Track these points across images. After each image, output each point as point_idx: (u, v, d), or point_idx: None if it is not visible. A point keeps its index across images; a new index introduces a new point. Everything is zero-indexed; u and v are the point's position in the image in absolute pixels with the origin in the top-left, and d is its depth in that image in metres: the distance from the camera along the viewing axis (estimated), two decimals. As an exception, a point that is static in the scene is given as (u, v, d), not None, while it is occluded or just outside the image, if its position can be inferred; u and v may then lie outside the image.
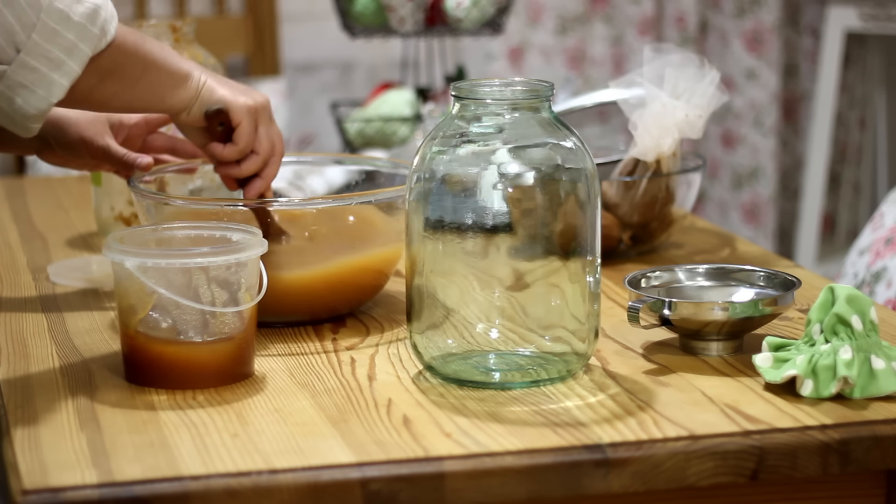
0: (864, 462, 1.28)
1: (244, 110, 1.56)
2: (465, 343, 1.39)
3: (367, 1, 2.88)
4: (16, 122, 1.43)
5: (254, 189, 1.59)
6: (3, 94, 1.41)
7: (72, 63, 1.41)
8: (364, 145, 2.91)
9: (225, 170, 1.59)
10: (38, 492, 1.17)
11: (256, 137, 1.57)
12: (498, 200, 1.36)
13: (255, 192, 1.59)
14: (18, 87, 1.40)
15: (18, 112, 1.42)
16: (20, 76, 1.40)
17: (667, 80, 1.76)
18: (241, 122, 1.56)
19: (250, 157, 1.58)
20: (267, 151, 1.58)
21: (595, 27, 3.91)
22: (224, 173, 1.60)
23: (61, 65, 1.40)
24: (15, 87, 1.40)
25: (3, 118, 1.43)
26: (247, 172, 1.59)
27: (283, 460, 1.22)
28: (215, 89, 1.55)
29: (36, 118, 1.42)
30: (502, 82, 1.40)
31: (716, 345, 1.47)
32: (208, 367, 1.39)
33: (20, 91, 1.40)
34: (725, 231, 2.02)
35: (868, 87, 4.01)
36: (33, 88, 1.40)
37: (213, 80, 1.55)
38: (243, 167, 1.58)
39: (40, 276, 1.79)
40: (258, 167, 1.59)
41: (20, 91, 1.40)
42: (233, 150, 1.57)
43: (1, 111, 1.42)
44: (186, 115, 1.55)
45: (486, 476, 1.22)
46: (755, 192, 3.99)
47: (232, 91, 1.56)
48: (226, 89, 1.56)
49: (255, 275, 1.41)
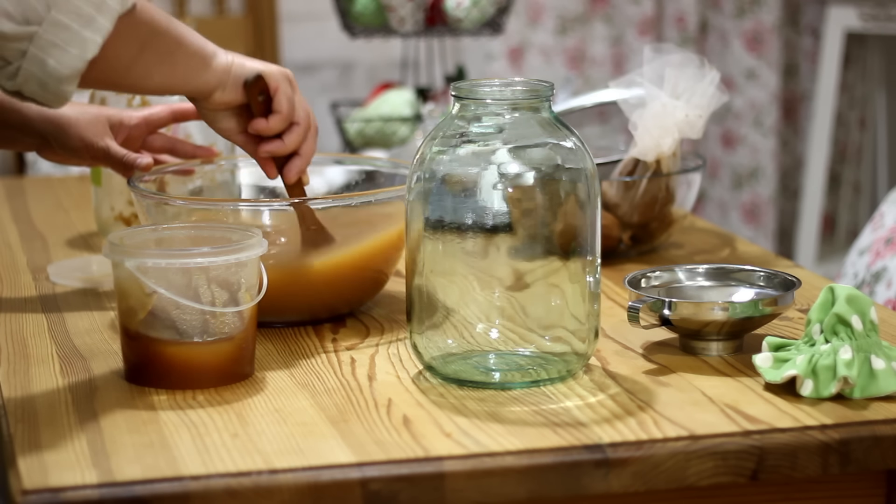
0: (864, 462, 1.28)
1: (280, 76, 1.54)
2: (465, 343, 1.39)
3: (367, 1, 2.88)
4: (49, 88, 1.38)
5: (294, 168, 1.57)
6: (35, 58, 1.36)
7: (102, 19, 1.37)
8: (364, 145, 2.91)
9: (268, 148, 1.56)
10: (38, 492, 1.17)
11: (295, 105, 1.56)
12: (498, 200, 1.36)
13: (297, 172, 1.58)
14: (50, 46, 1.35)
15: (52, 74, 1.36)
16: (52, 34, 1.35)
17: (667, 80, 1.76)
18: (279, 86, 1.54)
19: (292, 128, 1.56)
20: (306, 120, 1.56)
21: (595, 27, 3.91)
22: (267, 152, 1.56)
23: (92, 20, 1.36)
24: (47, 48, 1.35)
25: (35, 85, 1.38)
26: (292, 145, 1.56)
27: (283, 460, 1.22)
28: (245, 62, 1.53)
29: (70, 79, 1.37)
30: (502, 82, 1.40)
31: (716, 345, 1.47)
32: (208, 367, 1.39)
33: (52, 51, 1.35)
34: (725, 231, 2.02)
35: (868, 87, 4.02)
36: (66, 47, 1.36)
37: (238, 56, 1.54)
38: (287, 140, 1.56)
39: (40, 276, 1.79)
40: (301, 138, 1.56)
41: (52, 51, 1.35)
42: (277, 118, 1.54)
43: (32, 77, 1.37)
44: (222, 93, 1.52)
45: (486, 476, 1.22)
46: (755, 192, 3.99)
47: (260, 63, 1.54)
48: (254, 62, 1.54)
49: (255, 275, 1.41)
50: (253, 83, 1.52)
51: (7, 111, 1.66)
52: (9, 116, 1.67)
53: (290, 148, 1.57)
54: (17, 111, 1.67)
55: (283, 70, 1.56)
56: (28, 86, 1.37)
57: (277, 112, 1.55)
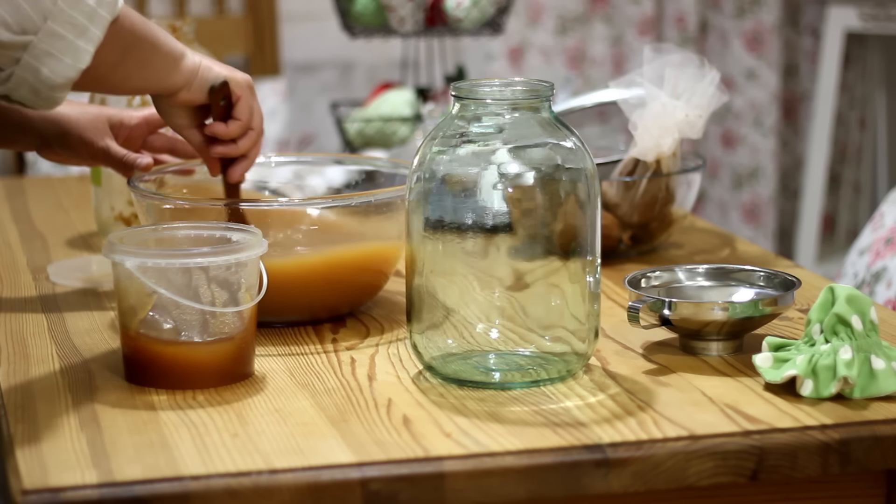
0: (864, 462, 1.28)
1: (244, 84, 1.58)
2: (465, 343, 1.39)
3: (367, 1, 2.88)
4: (40, 94, 1.40)
5: (240, 170, 1.60)
6: (28, 65, 1.37)
7: (94, 29, 1.39)
8: (364, 145, 2.91)
9: (221, 150, 1.59)
10: (38, 492, 1.17)
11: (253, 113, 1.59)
12: (498, 200, 1.36)
13: (241, 173, 1.60)
14: (45, 56, 1.37)
15: (45, 82, 1.38)
16: (47, 44, 1.37)
17: (667, 80, 1.76)
18: (242, 95, 1.57)
19: (247, 133, 1.59)
20: (259, 125, 1.60)
21: (595, 27, 3.91)
22: (219, 154, 1.59)
23: (85, 31, 1.38)
24: (41, 57, 1.37)
25: (27, 91, 1.39)
26: (244, 149, 1.59)
27: (283, 460, 1.22)
28: (212, 66, 1.56)
29: (63, 87, 1.40)
30: (502, 82, 1.40)
31: (716, 345, 1.47)
32: (208, 367, 1.39)
33: (46, 60, 1.37)
34: (725, 231, 2.02)
35: (868, 87, 4.01)
36: (60, 56, 1.38)
37: (206, 59, 1.57)
38: (241, 144, 1.59)
39: (40, 276, 1.79)
40: (254, 142, 1.60)
41: (46, 60, 1.37)
42: (237, 125, 1.57)
43: (24, 84, 1.39)
44: (186, 92, 1.55)
45: (486, 476, 1.22)
46: (755, 192, 3.99)
47: (226, 68, 1.58)
48: (221, 66, 1.57)
49: (255, 275, 1.41)
50: (218, 89, 1.55)
51: (7, 111, 1.66)
52: (9, 116, 1.67)
53: (242, 152, 1.60)
54: (17, 111, 1.67)
55: (247, 77, 1.59)
56: (19, 91, 1.40)
57: (237, 119, 1.58)
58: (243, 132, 1.59)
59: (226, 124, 1.57)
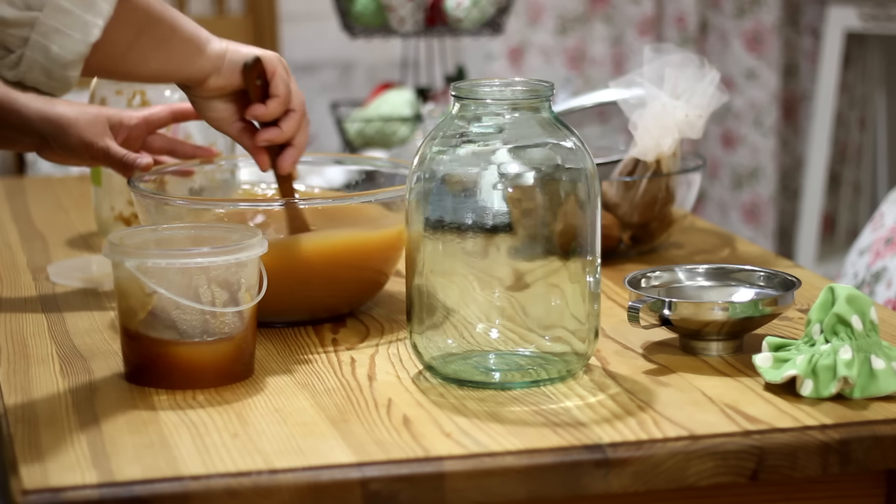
0: (864, 462, 1.28)
1: (276, 59, 1.54)
2: (465, 343, 1.39)
3: (367, 1, 2.88)
4: (53, 75, 1.37)
5: (289, 159, 1.57)
6: (37, 44, 1.35)
7: (102, 2, 1.36)
8: (364, 145, 2.91)
9: (267, 136, 1.55)
10: (38, 492, 1.17)
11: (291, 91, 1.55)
12: (498, 200, 1.36)
13: (291, 162, 1.57)
14: (53, 32, 1.35)
15: (56, 60, 1.36)
16: (54, 19, 1.34)
17: (667, 80, 1.76)
18: (276, 70, 1.54)
19: (289, 115, 1.55)
20: (301, 108, 1.56)
21: (595, 27, 3.91)
22: (265, 140, 1.56)
23: (92, 4, 1.36)
24: (49, 34, 1.35)
25: (39, 73, 1.37)
26: (289, 132, 1.55)
27: (283, 460, 1.22)
28: (240, 48, 1.53)
29: (74, 64, 1.37)
30: (502, 82, 1.40)
31: (716, 345, 1.46)
32: (208, 367, 1.39)
33: (55, 37, 1.35)
34: (725, 231, 2.02)
35: (868, 87, 4.02)
36: (69, 32, 1.35)
37: (232, 42, 1.54)
38: (285, 127, 1.55)
39: (40, 276, 1.79)
40: (297, 125, 1.56)
41: (55, 37, 1.35)
42: (276, 102, 1.54)
43: (35, 65, 1.36)
44: (216, 78, 1.52)
45: (486, 476, 1.22)
46: (755, 192, 3.99)
47: (255, 48, 1.54)
48: (249, 47, 1.54)
49: (255, 275, 1.41)
50: (252, 67, 1.52)
51: (7, 111, 1.66)
52: (8, 116, 1.67)
53: (287, 135, 1.56)
54: (16, 111, 1.67)
55: (279, 55, 1.55)
56: (31, 74, 1.37)
57: (275, 96, 1.54)
58: (284, 110, 1.55)
59: (265, 105, 1.54)
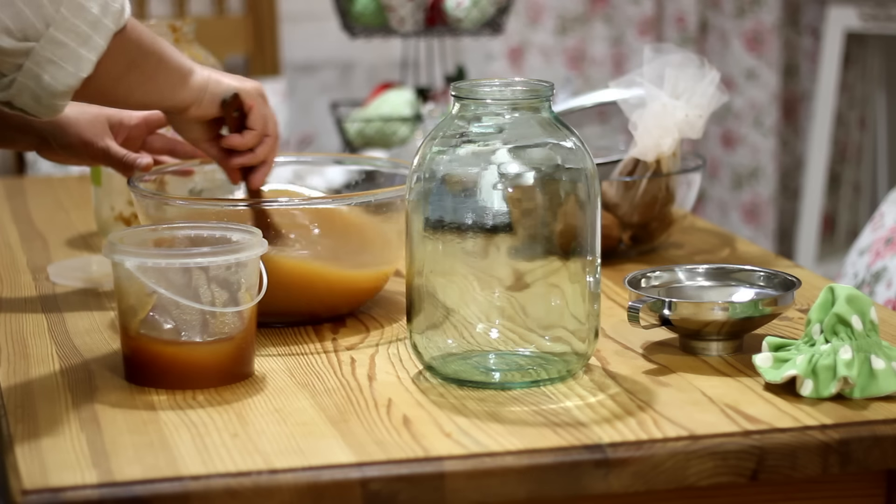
0: (864, 462, 1.28)
1: (255, 94, 1.59)
2: (465, 343, 1.39)
3: (367, 1, 2.88)
4: (42, 101, 1.40)
5: (261, 176, 1.62)
6: (30, 72, 1.38)
7: (97, 38, 1.39)
8: (364, 145, 2.91)
9: (240, 160, 1.61)
10: (38, 492, 1.17)
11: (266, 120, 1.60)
12: (498, 200, 1.36)
13: (262, 179, 1.62)
14: (47, 63, 1.38)
15: (47, 89, 1.39)
16: (49, 52, 1.37)
17: (667, 80, 1.76)
18: (254, 104, 1.59)
19: (263, 140, 1.61)
20: (274, 131, 1.61)
21: (595, 27, 3.91)
22: (237, 164, 1.61)
23: (88, 39, 1.39)
24: (43, 64, 1.38)
25: (28, 98, 1.40)
26: (262, 156, 1.61)
27: (283, 460, 1.22)
28: (221, 79, 1.58)
29: (64, 95, 1.40)
30: (502, 82, 1.40)
31: (716, 345, 1.47)
32: (208, 367, 1.39)
33: (48, 67, 1.38)
34: (725, 231, 2.02)
35: (868, 87, 4.01)
36: (62, 64, 1.38)
37: (214, 72, 1.58)
38: (258, 152, 1.61)
39: (40, 276, 1.79)
40: (271, 149, 1.61)
41: (48, 67, 1.38)
42: (252, 135, 1.59)
43: (26, 90, 1.39)
44: (197, 108, 1.56)
45: (486, 476, 1.22)
46: (755, 192, 3.99)
47: (235, 78, 1.59)
48: (230, 78, 1.59)
49: (255, 275, 1.41)
50: (230, 102, 1.57)
51: (7, 111, 1.66)
52: (9, 116, 1.67)
53: (260, 159, 1.62)
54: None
55: (257, 86, 1.60)
56: (20, 98, 1.41)
57: (252, 129, 1.59)
58: (259, 140, 1.61)
59: (241, 135, 1.59)
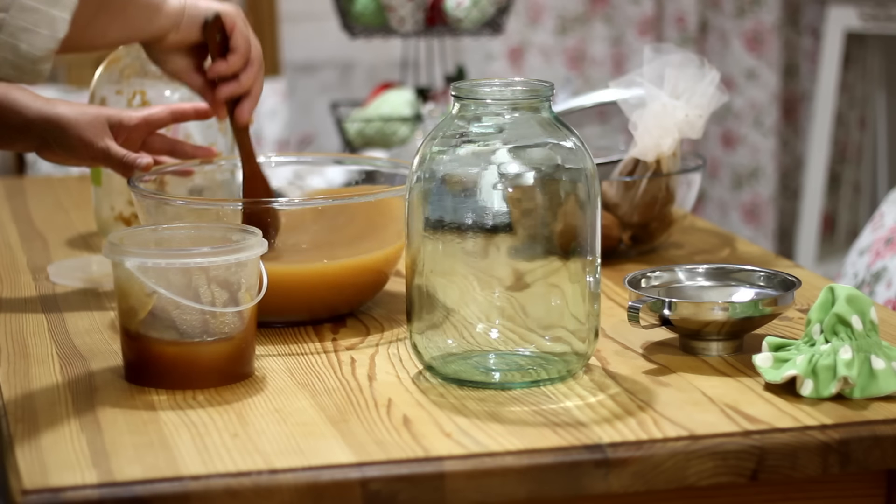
0: (864, 462, 1.28)
1: (235, 13, 1.57)
2: (465, 343, 1.39)
3: (367, 1, 2.88)
4: (24, 69, 1.39)
5: (247, 109, 1.60)
6: (6, 44, 1.37)
7: None
8: (364, 145, 2.91)
9: (228, 90, 1.58)
10: (38, 492, 1.17)
11: (250, 43, 1.58)
12: (498, 200, 1.36)
13: (248, 112, 1.59)
14: (21, 31, 1.37)
15: (26, 57, 1.38)
16: (20, 20, 1.37)
17: (667, 80, 1.76)
18: (236, 24, 1.56)
19: (247, 67, 1.58)
20: (258, 59, 1.58)
21: (595, 27, 3.91)
22: (223, 95, 1.59)
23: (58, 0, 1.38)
24: (17, 33, 1.37)
25: (10, 69, 1.39)
26: (247, 84, 1.58)
27: (283, 460, 1.22)
28: (199, 3, 1.55)
29: (44, 59, 1.39)
30: (502, 82, 1.40)
31: (716, 345, 1.47)
32: (208, 367, 1.39)
33: (23, 36, 1.37)
34: (725, 231, 2.02)
35: (868, 87, 4.02)
36: (36, 29, 1.37)
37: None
38: (243, 80, 1.58)
39: (40, 276, 1.79)
40: (255, 75, 1.58)
41: (23, 36, 1.37)
42: (236, 57, 1.56)
43: (5, 62, 1.39)
44: (175, 34, 1.54)
45: (486, 476, 1.22)
46: (755, 192, 3.99)
47: (215, 2, 1.56)
48: (208, 2, 1.56)
49: (255, 275, 1.41)
50: (212, 23, 1.54)
51: (7, 111, 1.66)
52: (8, 116, 1.67)
53: (245, 87, 1.59)
54: (16, 111, 1.67)
55: (237, 8, 1.58)
56: (1, 70, 1.39)
57: (235, 51, 1.56)
58: (244, 64, 1.57)
59: (226, 60, 1.56)
